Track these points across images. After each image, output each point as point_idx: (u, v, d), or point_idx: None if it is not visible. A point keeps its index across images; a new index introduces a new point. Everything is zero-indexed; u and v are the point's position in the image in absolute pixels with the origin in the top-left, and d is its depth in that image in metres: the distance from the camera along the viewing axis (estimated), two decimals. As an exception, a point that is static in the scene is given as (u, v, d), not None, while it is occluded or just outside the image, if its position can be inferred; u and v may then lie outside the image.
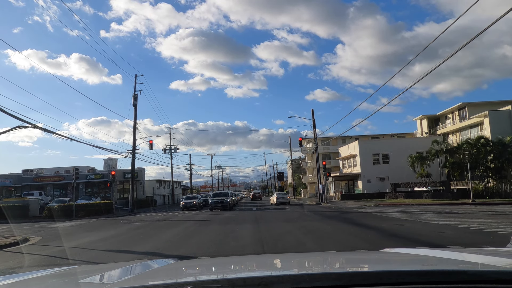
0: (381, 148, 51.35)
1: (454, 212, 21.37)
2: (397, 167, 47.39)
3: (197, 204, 35.73)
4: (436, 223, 15.93)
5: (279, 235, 13.51)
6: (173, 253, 10.16)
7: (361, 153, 50.93)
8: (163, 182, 66.60)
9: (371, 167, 50.51)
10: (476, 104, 49.37)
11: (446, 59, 14.34)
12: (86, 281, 1.91)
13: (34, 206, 33.39)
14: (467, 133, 48.65)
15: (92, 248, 11.98)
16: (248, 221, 20.10)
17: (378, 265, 2.21)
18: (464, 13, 12.40)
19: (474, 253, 2.34)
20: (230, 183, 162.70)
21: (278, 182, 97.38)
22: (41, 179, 51.43)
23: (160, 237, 14.95)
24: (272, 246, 10.94)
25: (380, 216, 20.47)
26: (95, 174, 51.21)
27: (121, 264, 3.35)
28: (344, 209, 28.26)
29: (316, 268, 2.28)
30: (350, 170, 55.84)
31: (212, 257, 7.74)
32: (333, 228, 15.49)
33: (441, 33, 14.29)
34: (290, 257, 3.31)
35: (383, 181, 49.44)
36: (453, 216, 18.79)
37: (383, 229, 14.40)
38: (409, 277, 1.51)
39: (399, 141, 55.62)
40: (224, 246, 11.49)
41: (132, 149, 40.29)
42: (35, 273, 2.32)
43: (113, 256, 10.52)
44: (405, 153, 46.78)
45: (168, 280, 1.90)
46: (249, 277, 1.68)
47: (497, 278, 1.48)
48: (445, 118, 56.43)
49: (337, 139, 68.36)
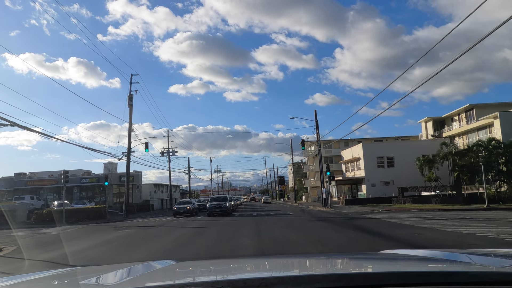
0: (386, 151, 49.62)
1: (472, 219, 19.60)
2: (403, 171, 45.73)
3: (191, 210, 32.55)
4: (458, 231, 14.18)
5: (283, 246, 11.79)
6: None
7: (365, 156, 49.19)
8: (161, 186, 64.78)
9: (376, 170, 48.74)
10: (484, 105, 47.74)
11: (449, 63, 13.78)
12: (86, 282, 1.90)
13: (21, 211, 31.64)
14: (474, 136, 46.98)
15: (64, 264, 10.21)
16: (249, 229, 18.36)
17: (378, 266, 2.20)
18: (466, 18, 12.00)
19: (475, 254, 2.32)
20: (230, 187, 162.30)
21: (278, 187, 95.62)
22: (34, 182, 49.60)
23: (149, 247, 13.26)
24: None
25: (393, 223, 18.71)
26: (90, 177, 49.36)
27: (121, 265, 3.17)
28: (351, 214, 26.48)
29: (316, 270, 2.26)
30: (353, 174, 54.06)
31: (213, 259, 7.38)
32: (344, 238, 13.73)
33: (443, 38, 13.89)
34: (290, 259, 3.28)
35: (388, 185, 47.67)
36: (473, 224, 17.03)
37: (402, 239, 12.66)
38: (409, 277, 1.51)
39: (404, 144, 53.97)
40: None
41: (127, 151, 38.57)
42: (36, 275, 2.30)
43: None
44: (411, 156, 45.23)
45: (168, 281, 1.90)
46: (249, 278, 1.68)
47: (497, 279, 1.48)
48: (451, 121, 54.83)
49: (339, 142, 66.69)
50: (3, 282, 1.94)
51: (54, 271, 2.64)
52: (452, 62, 13.76)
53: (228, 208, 30.45)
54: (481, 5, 10.83)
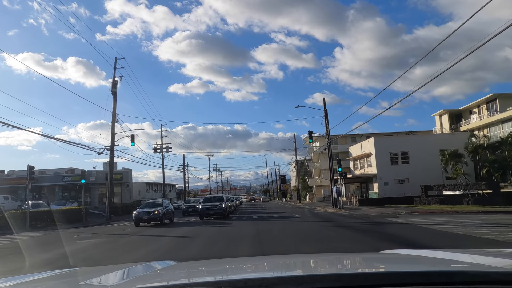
0: (400, 146, 44.96)
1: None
2: (419, 168, 41.32)
3: (160, 215, 22.81)
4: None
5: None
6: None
7: (377, 151, 44.52)
8: (154, 185, 60.09)
9: (389, 167, 44.09)
10: (509, 95, 43.13)
11: (454, 64, 13.56)
12: (87, 282, 1.89)
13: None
14: (497, 129, 42.38)
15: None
16: (248, 239, 13.71)
17: (379, 266, 2.19)
18: (470, 18, 11.91)
19: (476, 254, 2.30)
20: (230, 187, 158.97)
21: (280, 186, 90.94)
22: (11, 181, 44.93)
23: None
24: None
25: (440, 233, 13.98)
26: (73, 175, 44.63)
27: (122, 266, 3.10)
28: (373, 218, 21.81)
29: (317, 269, 2.25)
30: (363, 172, 49.42)
31: (213, 259, 6.76)
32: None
33: (446, 38, 13.72)
34: (291, 259, 3.19)
35: (403, 184, 43.11)
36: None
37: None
38: (410, 277, 1.50)
39: (419, 138, 49.19)
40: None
41: (111, 145, 33.85)
42: (36, 275, 2.29)
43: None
44: (427, 152, 40.82)
45: (169, 281, 1.89)
46: (250, 279, 1.67)
47: (498, 279, 1.47)
48: (470, 113, 50.28)
49: (346, 138, 62.11)
50: (3, 283, 1.92)
51: (54, 272, 2.59)
52: (457, 63, 13.58)
53: (224, 210, 25.77)
54: (482, 3, 10.82)
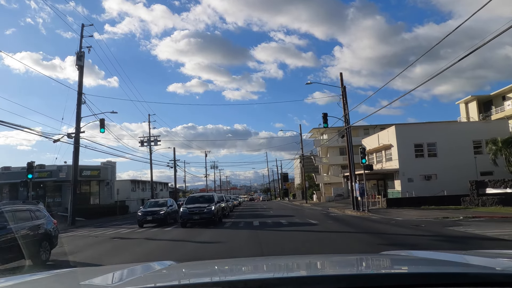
0: (426, 137, 38.17)
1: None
2: (449, 161, 35.00)
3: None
4: None
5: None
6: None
7: (400, 142, 37.79)
8: (141, 183, 53.24)
9: (413, 161, 37.38)
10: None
11: (455, 62, 13.70)
12: (86, 283, 1.89)
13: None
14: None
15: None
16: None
17: (379, 267, 2.18)
18: (471, 16, 11.99)
19: (476, 255, 2.28)
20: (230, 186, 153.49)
21: (283, 184, 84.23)
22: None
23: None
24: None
25: None
26: (40, 171, 37.80)
27: (121, 266, 3.14)
28: (425, 226, 15.11)
29: (317, 271, 2.21)
30: (380, 166, 42.56)
31: (212, 260, 6.71)
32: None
33: (447, 36, 13.73)
34: (291, 259, 3.18)
35: (429, 180, 36.48)
36: None
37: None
38: (410, 279, 1.50)
39: (447, 126, 42.23)
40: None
41: (75, 131, 27.12)
42: (36, 275, 2.26)
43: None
44: (457, 143, 35.27)
45: (169, 282, 1.89)
46: (250, 279, 1.66)
47: (498, 281, 1.47)
48: (503, 99, 43.66)
49: (358, 130, 55.50)
50: (3, 283, 1.91)
51: (54, 272, 2.56)
52: (460, 60, 13.52)
53: (213, 213, 18.95)
54: (482, 1, 11.06)
